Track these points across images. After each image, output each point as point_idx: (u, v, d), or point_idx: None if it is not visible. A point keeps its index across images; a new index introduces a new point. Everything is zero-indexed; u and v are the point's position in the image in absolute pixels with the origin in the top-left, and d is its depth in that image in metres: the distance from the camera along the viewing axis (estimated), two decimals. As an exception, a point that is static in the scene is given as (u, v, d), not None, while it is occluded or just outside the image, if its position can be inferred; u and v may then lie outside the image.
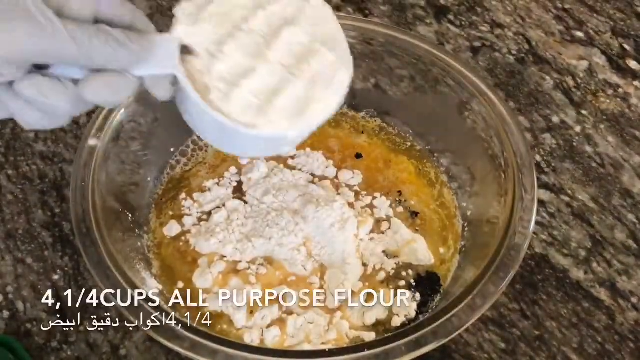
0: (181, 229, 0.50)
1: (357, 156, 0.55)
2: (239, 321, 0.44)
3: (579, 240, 0.54)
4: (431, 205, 0.52)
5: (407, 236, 0.49)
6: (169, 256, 0.49)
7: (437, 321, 0.39)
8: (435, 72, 0.52)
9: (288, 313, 0.45)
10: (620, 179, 0.57)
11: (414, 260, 0.48)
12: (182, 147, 0.55)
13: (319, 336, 0.44)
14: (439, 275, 0.48)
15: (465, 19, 0.69)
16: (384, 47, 0.54)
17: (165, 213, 0.51)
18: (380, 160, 0.55)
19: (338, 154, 0.55)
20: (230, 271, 0.47)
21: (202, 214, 0.51)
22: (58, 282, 0.51)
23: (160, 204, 0.52)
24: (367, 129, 0.57)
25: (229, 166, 0.54)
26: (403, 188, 0.53)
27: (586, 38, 0.68)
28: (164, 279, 0.47)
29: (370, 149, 0.56)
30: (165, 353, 0.47)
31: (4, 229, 0.53)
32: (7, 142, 0.59)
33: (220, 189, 0.52)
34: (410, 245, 0.48)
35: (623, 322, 0.50)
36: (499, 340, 0.48)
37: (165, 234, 0.50)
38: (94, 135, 0.47)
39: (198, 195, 0.52)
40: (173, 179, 0.53)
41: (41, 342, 0.48)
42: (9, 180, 0.56)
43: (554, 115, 0.62)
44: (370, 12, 0.70)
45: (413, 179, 0.54)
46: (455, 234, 0.50)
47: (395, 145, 0.56)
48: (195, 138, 0.55)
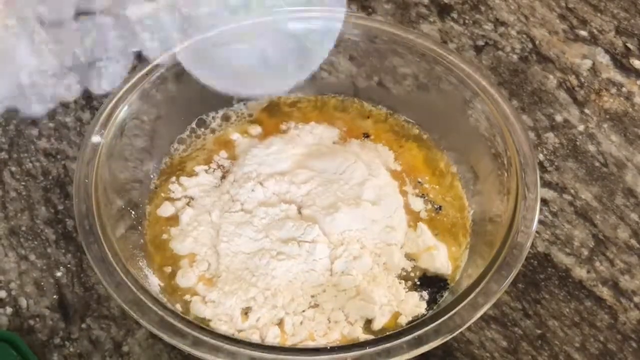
0: (174, 211, 0.50)
1: (365, 136, 0.54)
2: (235, 324, 0.44)
3: (581, 239, 0.54)
4: (446, 198, 0.51)
5: (430, 242, 0.48)
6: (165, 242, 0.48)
7: (439, 319, 0.39)
8: (439, 70, 0.52)
9: (287, 312, 0.44)
10: (624, 178, 0.57)
11: (431, 267, 0.47)
12: (182, 135, 0.55)
13: (322, 334, 0.44)
14: (446, 277, 0.47)
15: (468, 17, 0.69)
16: (387, 45, 0.54)
17: (159, 195, 0.51)
18: (389, 145, 0.54)
19: (345, 134, 0.55)
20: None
21: (188, 199, 0.50)
22: (61, 279, 0.51)
23: (155, 190, 0.52)
24: (372, 115, 0.57)
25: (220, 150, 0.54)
26: (419, 177, 0.52)
27: (590, 37, 0.68)
28: (163, 274, 0.47)
29: (377, 132, 0.55)
30: (168, 350, 0.47)
31: (8, 226, 0.53)
32: (11, 138, 0.59)
33: (207, 176, 0.52)
34: (431, 252, 0.47)
35: (625, 322, 0.49)
36: (501, 338, 0.48)
37: (160, 215, 0.50)
38: (97, 132, 0.47)
39: (184, 179, 0.51)
40: (172, 164, 0.53)
41: (44, 339, 0.48)
42: (12, 177, 0.56)
43: (557, 114, 0.62)
44: (374, 10, 0.70)
45: (425, 167, 0.53)
46: (464, 229, 0.50)
47: (404, 131, 0.55)
48: (194, 126, 0.55)
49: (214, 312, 0.44)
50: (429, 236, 0.48)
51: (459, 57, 0.52)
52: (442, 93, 0.53)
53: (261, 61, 0.55)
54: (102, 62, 0.64)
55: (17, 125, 0.60)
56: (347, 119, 0.56)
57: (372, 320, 0.44)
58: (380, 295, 0.45)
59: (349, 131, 0.55)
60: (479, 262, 0.45)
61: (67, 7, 0.69)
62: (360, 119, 0.56)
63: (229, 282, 0.45)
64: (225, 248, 0.46)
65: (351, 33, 0.55)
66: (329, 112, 0.57)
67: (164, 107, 0.53)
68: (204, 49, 0.53)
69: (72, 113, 0.61)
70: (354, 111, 0.57)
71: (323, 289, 0.45)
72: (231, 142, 0.54)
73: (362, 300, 0.44)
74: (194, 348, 0.38)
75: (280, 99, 0.58)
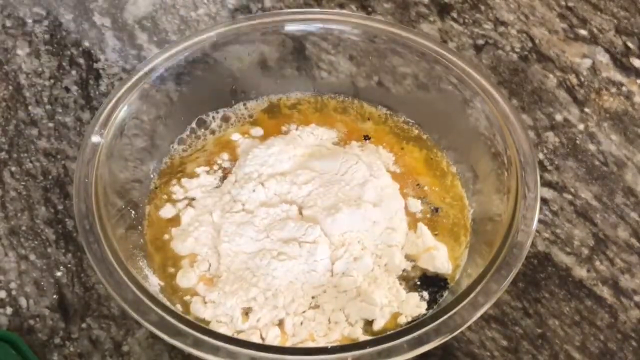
0: (176, 212, 0.50)
1: (365, 138, 0.54)
2: (235, 325, 0.44)
3: (581, 238, 0.54)
4: (446, 199, 0.51)
5: (430, 242, 0.48)
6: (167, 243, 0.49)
7: (439, 319, 0.39)
8: (439, 70, 0.52)
9: (288, 312, 0.44)
10: (624, 177, 0.57)
11: (431, 267, 0.47)
12: (182, 135, 0.55)
13: (322, 334, 0.44)
14: (446, 276, 0.47)
15: (468, 17, 0.69)
16: (387, 45, 0.54)
17: (159, 196, 0.51)
18: (389, 147, 0.54)
19: (345, 137, 0.55)
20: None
21: (189, 200, 0.50)
22: (61, 279, 0.51)
23: (155, 190, 0.52)
24: (373, 116, 0.56)
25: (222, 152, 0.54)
26: (419, 179, 0.52)
27: (589, 36, 0.68)
28: (163, 274, 0.47)
29: (378, 134, 0.55)
30: (168, 349, 0.47)
31: (8, 226, 0.53)
32: (11, 139, 0.59)
33: (208, 177, 0.52)
34: (431, 252, 0.47)
35: (626, 321, 0.49)
36: (501, 338, 0.48)
37: (161, 216, 0.50)
38: (96, 132, 0.47)
39: (185, 181, 0.51)
40: (172, 164, 0.53)
41: (44, 339, 0.48)
42: (12, 177, 0.56)
43: (557, 113, 0.62)
44: (374, 9, 0.70)
45: (425, 169, 0.53)
46: (465, 229, 0.50)
47: (404, 132, 0.55)
48: (195, 126, 0.55)
49: (214, 313, 0.44)
50: (429, 237, 0.48)
51: (458, 57, 0.52)
52: (442, 92, 0.53)
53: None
54: (101, 63, 0.65)
55: (17, 125, 0.60)
56: (347, 120, 0.56)
57: (372, 321, 0.44)
58: (381, 297, 0.44)
59: (349, 133, 0.55)
60: (479, 262, 0.45)
61: (65, 7, 0.69)
62: (361, 121, 0.56)
63: (230, 282, 0.45)
64: (226, 248, 0.46)
65: (351, 33, 0.55)
66: (329, 114, 0.57)
67: (163, 107, 0.53)
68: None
69: (72, 113, 0.61)
70: (354, 113, 0.57)
71: (324, 290, 0.45)
72: (232, 142, 0.54)
73: (363, 301, 0.44)
74: (195, 348, 0.38)
75: (280, 100, 0.58)
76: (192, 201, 0.50)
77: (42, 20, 0.68)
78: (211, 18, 0.69)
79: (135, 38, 0.67)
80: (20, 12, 0.69)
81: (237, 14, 0.69)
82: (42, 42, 0.66)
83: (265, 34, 0.55)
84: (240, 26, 0.54)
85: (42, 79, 0.63)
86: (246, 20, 0.55)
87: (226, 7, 0.69)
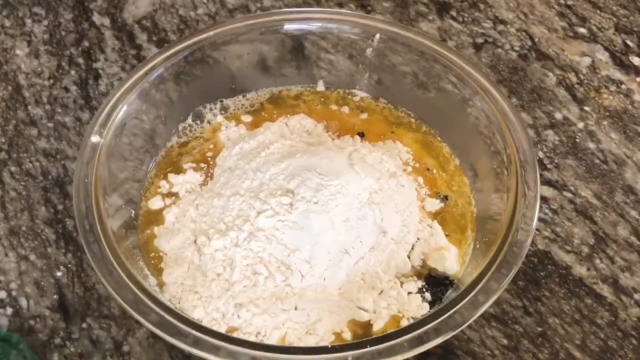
0: (162, 206, 0.50)
1: (360, 135, 0.54)
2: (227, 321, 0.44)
3: (581, 236, 0.54)
4: (453, 187, 0.51)
5: (442, 242, 0.48)
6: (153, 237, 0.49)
7: (440, 317, 0.39)
8: (438, 69, 0.52)
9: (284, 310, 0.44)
10: (623, 175, 0.57)
11: (440, 267, 0.46)
12: (179, 130, 0.55)
13: (321, 334, 0.44)
14: (449, 277, 0.47)
15: (467, 15, 0.69)
16: (386, 44, 0.54)
17: (151, 190, 0.51)
18: (383, 135, 0.54)
19: (339, 128, 0.55)
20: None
21: (174, 196, 0.51)
22: (61, 279, 0.51)
23: (149, 184, 0.52)
24: (369, 108, 0.56)
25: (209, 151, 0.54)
26: (428, 169, 0.52)
27: (589, 34, 0.68)
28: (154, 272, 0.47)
29: (371, 127, 0.55)
30: (169, 349, 0.47)
31: (8, 226, 0.53)
32: (10, 139, 0.59)
33: (194, 173, 0.52)
34: (441, 252, 0.47)
35: (626, 319, 0.49)
36: (501, 336, 0.48)
37: (150, 208, 0.50)
38: (96, 132, 0.47)
39: (172, 177, 0.51)
40: (167, 159, 0.53)
41: (44, 339, 0.48)
42: (12, 177, 0.56)
43: (556, 112, 0.62)
44: (373, 8, 0.70)
45: (430, 159, 0.53)
46: (472, 223, 0.49)
47: (399, 120, 0.55)
48: (191, 122, 0.55)
49: (204, 312, 0.44)
50: (442, 236, 0.48)
51: (458, 55, 0.52)
52: (441, 91, 0.53)
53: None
54: (100, 62, 0.65)
55: (16, 125, 0.60)
56: (345, 114, 0.56)
57: (372, 322, 0.44)
58: (380, 299, 0.44)
59: (342, 132, 0.55)
60: (480, 260, 0.45)
61: (64, 7, 0.69)
62: (356, 115, 0.56)
63: (215, 279, 0.45)
64: (211, 245, 0.46)
65: (350, 32, 0.55)
66: (330, 106, 0.57)
67: (163, 107, 0.53)
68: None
69: (71, 113, 0.61)
70: (354, 105, 0.57)
71: (322, 290, 0.45)
72: (219, 139, 0.54)
73: (362, 302, 0.44)
74: (195, 347, 0.38)
75: (281, 92, 0.58)
76: (177, 199, 0.50)
77: (42, 20, 0.68)
78: (210, 17, 0.69)
79: (135, 38, 0.67)
80: (19, 12, 0.69)
81: (236, 13, 0.69)
82: (42, 42, 0.66)
83: (264, 33, 0.55)
84: (239, 25, 0.54)
85: (41, 79, 0.63)
86: (245, 20, 0.55)
87: (225, 7, 0.69)
